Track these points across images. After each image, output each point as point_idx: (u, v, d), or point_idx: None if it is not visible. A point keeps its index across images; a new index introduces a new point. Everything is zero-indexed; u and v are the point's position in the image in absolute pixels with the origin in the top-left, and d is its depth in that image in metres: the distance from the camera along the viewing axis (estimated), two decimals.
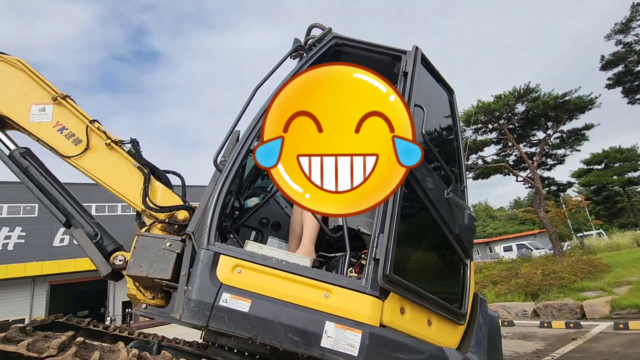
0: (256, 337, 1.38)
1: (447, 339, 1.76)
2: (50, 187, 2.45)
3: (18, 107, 2.55)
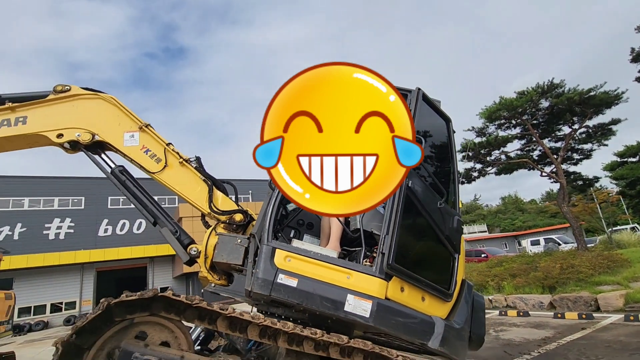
0: (301, 304, 2.08)
1: (437, 311, 2.39)
2: (141, 195, 3.26)
3: (114, 134, 3.36)
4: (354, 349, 2.03)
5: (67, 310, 25.53)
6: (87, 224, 28.31)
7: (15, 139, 3.25)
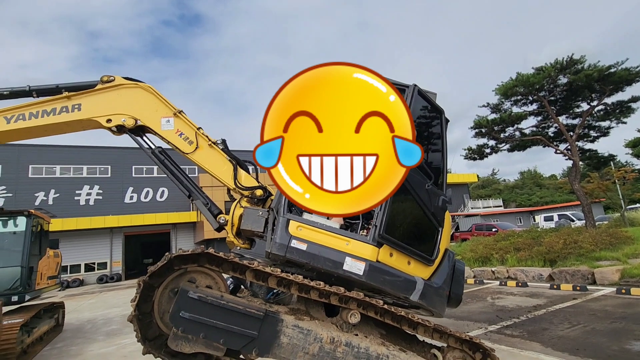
0: (309, 263, 2.65)
1: (420, 273, 2.93)
2: (177, 172, 3.85)
3: (153, 120, 3.90)
4: (350, 298, 2.62)
5: (100, 270, 27.66)
6: (113, 192, 29.93)
7: (73, 123, 3.84)
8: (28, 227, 6.98)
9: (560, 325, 5.31)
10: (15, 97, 3.87)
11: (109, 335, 7.75)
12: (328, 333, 2.49)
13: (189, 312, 2.17)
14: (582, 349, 4.26)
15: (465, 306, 7.30)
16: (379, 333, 2.81)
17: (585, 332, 4.88)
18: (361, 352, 2.52)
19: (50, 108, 3.77)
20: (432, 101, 3.34)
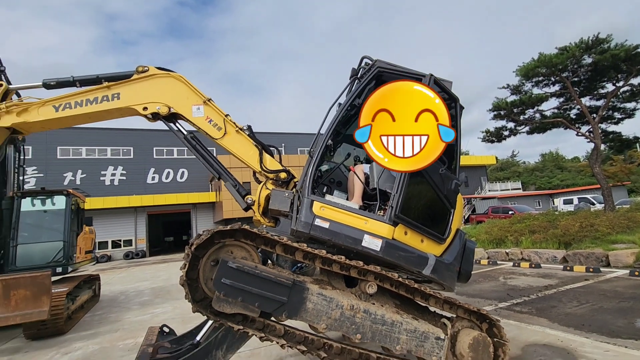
0: (331, 240, 2.94)
1: (432, 250, 3.19)
2: (207, 156, 4.17)
3: (184, 107, 4.20)
4: (368, 271, 2.91)
5: (125, 247, 29.08)
6: (136, 172, 31.02)
7: (113, 111, 4.18)
8: (67, 205, 7.55)
9: (569, 303, 5.52)
10: (60, 87, 4.21)
11: (142, 305, 8.42)
12: (348, 301, 2.81)
13: (229, 279, 2.52)
14: (587, 324, 4.48)
15: (478, 285, 7.56)
16: (394, 303, 3.12)
17: (592, 310, 5.09)
18: (377, 318, 2.84)
19: (92, 97, 4.09)
20: (447, 89, 3.51)
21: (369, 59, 3.58)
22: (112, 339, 5.70)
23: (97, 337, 5.89)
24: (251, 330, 2.57)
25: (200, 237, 2.56)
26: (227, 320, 2.55)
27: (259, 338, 2.62)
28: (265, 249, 2.88)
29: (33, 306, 5.34)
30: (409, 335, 2.90)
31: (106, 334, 6.00)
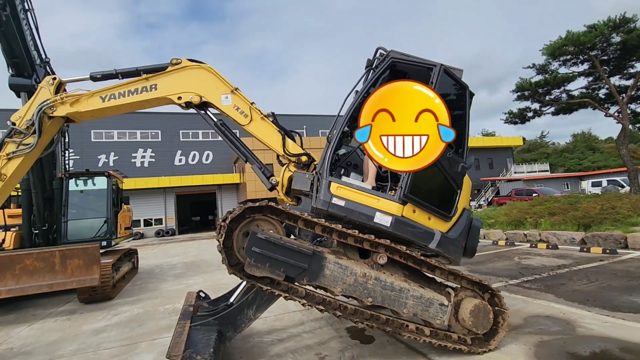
0: (346, 216, 3.32)
1: (439, 227, 3.51)
2: (235, 141, 4.59)
3: (214, 96, 4.60)
4: (379, 244, 3.29)
5: (156, 225, 30.70)
6: (164, 154, 32.31)
7: (151, 101, 4.64)
8: (109, 186, 8.28)
9: (579, 281, 5.73)
10: (105, 80, 4.68)
11: (177, 277, 9.20)
12: (361, 269, 3.21)
13: (258, 248, 2.96)
14: (592, 300, 4.72)
15: (492, 264, 7.82)
16: (403, 273, 3.49)
17: (600, 287, 5.29)
18: (387, 285, 3.23)
19: (133, 88, 4.55)
20: (457, 78, 3.73)
21: (383, 49, 3.83)
22: (153, 304, 6.40)
23: (139, 302, 6.62)
24: (277, 291, 3.03)
25: (234, 212, 3.00)
26: (257, 282, 3.02)
27: (284, 298, 3.08)
28: (289, 224, 3.30)
29: (86, 274, 6.08)
30: (415, 300, 3.28)
31: (147, 300, 6.73)
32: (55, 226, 7.66)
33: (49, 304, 6.95)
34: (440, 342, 3.32)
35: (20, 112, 4.50)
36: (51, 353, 4.26)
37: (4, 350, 4.49)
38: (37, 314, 6.25)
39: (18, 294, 5.74)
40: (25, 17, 6.43)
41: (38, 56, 6.91)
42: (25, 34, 6.40)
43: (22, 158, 4.34)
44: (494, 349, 3.40)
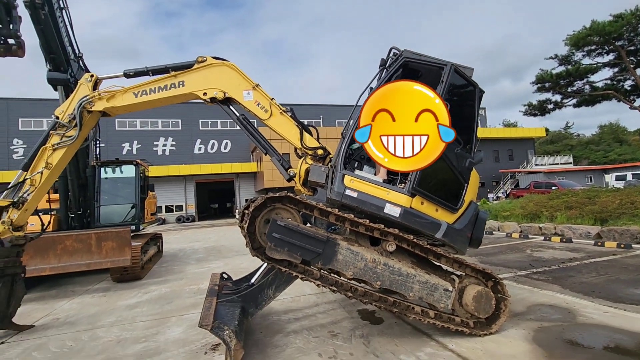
0: (359, 207, 3.59)
1: (445, 218, 3.74)
2: (256, 134, 4.90)
3: (237, 92, 4.91)
4: (388, 233, 3.56)
5: (177, 211, 31.75)
6: (184, 143, 33.18)
7: (179, 96, 4.99)
8: (137, 174, 8.80)
9: (587, 274, 5.85)
10: (137, 76, 5.05)
11: (199, 261, 9.74)
12: (371, 255, 3.49)
13: (278, 234, 3.29)
14: (597, 291, 4.87)
15: (503, 255, 7.96)
16: (410, 260, 3.76)
17: (608, 280, 5.41)
18: (395, 270, 3.51)
19: (163, 85, 4.90)
20: (467, 77, 3.91)
21: (396, 49, 4.03)
22: (179, 284, 6.90)
23: (166, 283, 7.14)
24: (295, 272, 3.36)
25: (257, 201, 3.33)
26: (277, 264, 3.36)
27: (301, 279, 3.41)
28: (306, 212, 3.61)
29: (118, 255, 6.61)
30: (421, 285, 3.55)
31: (174, 281, 7.24)
32: (89, 211, 8.25)
33: (84, 282, 7.57)
34: (443, 323, 3.59)
35: (63, 107, 4.94)
36: (92, 324, 4.77)
37: (51, 320, 5.03)
38: (75, 290, 6.86)
39: (59, 271, 6.33)
40: (60, 15, 6.86)
41: (72, 51, 7.37)
42: (61, 31, 6.84)
43: (66, 149, 4.78)
44: (495, 332, 3.65)
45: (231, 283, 4.37)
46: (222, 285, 4.17)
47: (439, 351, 3.34)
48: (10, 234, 4.46)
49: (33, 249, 6.04)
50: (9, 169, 29.68)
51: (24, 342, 4.22)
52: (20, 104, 31.39)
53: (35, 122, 31.22)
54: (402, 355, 3.28)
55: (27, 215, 4.66)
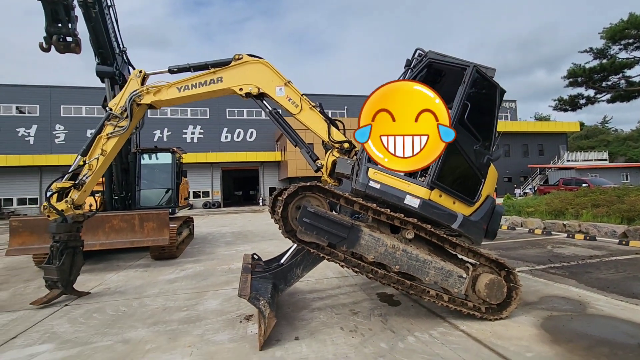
0: (381, 197, 3.92)
1: (462, 210, 4.00)
2: (287, 128, 5.27)
3: (270, 88, 5.29)
4: (408, 222, 3.87)
5: (204, 197, 32.95)
6: (211, 131, 34.20)
7: (217, 91, 5.42)
8: (173, 160, 9.45)
9: (605, 271, 5.94)
10: (179, 72, 5.51)
11: (228, 244, 10.37)
12: (391, 242, 3.83)
13: (307, 219, 3.68)
14: (612, 287, 5.01)
15: (523, 250, 8.08)
16: (428, 248, 4.07)
17: (625, 277, 5.51)
18: (413, 256, 3.84)
19: (203, 80, 5.34)
20: (488, 77, 4.11)
21: (421, 50, 4.27)
22: (211, 264, 7.49)
23: (199, 262, 7.75)
24: (322, 254, 3.76)
25: (289, 190, 3.73)
26: (306, 246, 3.76)
27: (327, 260, 3.81)
28: (333, 201, 3.98)
29: (158, 235, 7.25)
30: (436, 271, 3.87)
31: (206, 261, 7.85)
32: (130, 193, 8.97)
33: (127, 258, 8.31)
34: (456, 307, 3.90)
35: (115, 100, 5.49)
36: (139, 293, 5.39)
37: (104, 289, 5.70)
38: (120, 265, 7.58)
39: (107, 247, 7.04)
40: (108, 13, 7.43)
41: (117, 46, 7.96)
42: (108, 28, 7.42)
43: (118, 138, 5.35)
44: (505, 318, 3.92)
45: (263, 263, 4.83)
46: (254, 264, 4.64)
47: (450, 331, 3.66)
48: (72, 211, 5.09)
49: (85, 226, 6.74)
50: (52, 152, 31.70)
51: (84, 305, 4.86)
52: (61, 91, 33.26)
53: (75, 108, 33.06)
54: (416, 332, 3.63)
55: (85, 196, 5.28)
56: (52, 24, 5.79)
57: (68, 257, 5.00)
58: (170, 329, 3.89)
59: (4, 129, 31.76)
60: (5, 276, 6.87)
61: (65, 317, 4.41)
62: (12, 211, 30.68)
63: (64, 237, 4.97)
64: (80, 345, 3.55)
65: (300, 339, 3.52)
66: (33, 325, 4.14)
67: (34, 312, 4.64)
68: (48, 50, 5.92)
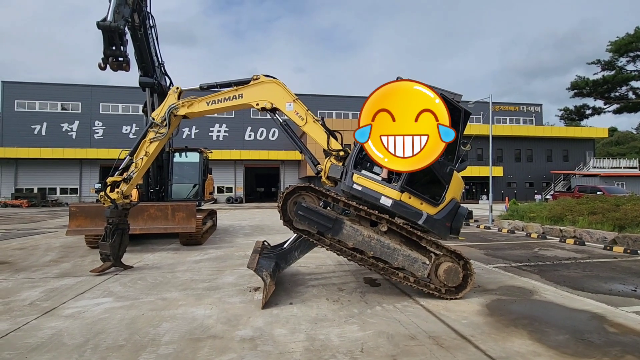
0: (362, 198, 4.93)
1: (428, 210, 4.93)
2: (294, 137, 6.37)
3: (281, 104, 6.38)
4: (382, 217, 4.87)
5: (227, 192, 34.67)
6: (236, 130, 35.89)
7: (238, 106, 6.58)
8: (201, 159, 10.77)
9: (573, 270, 6.68)
10: (209, 89, 6.71)
11: (246, 235, 11.61)
12: (368, 232, 4.85)
13: (302, 212, 4.75)
14: (567, 282, 5.79)
15: (510, 250, 8.82)
16: (399, 240, 5.05)
17: (586, 275, 6.25)
18: (385, 244, 4.83)
19: (227, 96, 6.50)
20: (454, 102, 5.03)
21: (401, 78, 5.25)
22: (230, 250, 8.72)
23: (220, 248, 9.00)
24: (312, 239, 4.83)
25: (288, 189, 4.83)
26: (300, 233, 4.85)
27: (316, 244, 4.88)
28: (324, 199, 5.05)
29: (187, 223, 8.54)
30: (404, 257, 4.85)
31: (226, 248, 9.09)
32: (163, 187, 10.36)
33: (159, 243, 9.69)
34: (420, 287, 4.87)
35: (157, 111, 6.76)
36: (172, 269, 6.65)
37: (143, 265, 7.01)
38: (154, 248, 8.95)
39: (145, 232, 8.39)
40: (150, 33, 8.77)
41: (157, 60, 9.30)
42: (150, 45, 8.76)
43: (158, 142, 6.61)
44: (460, 298, 4.85)
45: (270, 247, 5.97)
46: (263, 247, 5.78)
47: (411, 304, 4.64)
48: (122, 200, 6.40)
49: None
50: (91, 147, 34.36)
51: (130, 275, 6.16)
52: (100, 90, 35.92)
53: (112, 106, 35.63)
54: (384, 304, 4.63)
55: (132, 188, 6.58)
56: (109, 47, 7.11)
57: (118, 237, 6.31)
58: (196, 293, 5.07)
59: (51, 124, 34.71)
60: (64, 252, 8.38)
61: (117, 282, 5.70)
62: (55, 199, 33.57)
63: (115, 221, 6.28)
64: (131, 299, 4.79)
65: (293, 304, 4.60)
66: (94, 286, 5.44)
67: (93, 278, 5.97)
68: (104, 69, 7.25)
